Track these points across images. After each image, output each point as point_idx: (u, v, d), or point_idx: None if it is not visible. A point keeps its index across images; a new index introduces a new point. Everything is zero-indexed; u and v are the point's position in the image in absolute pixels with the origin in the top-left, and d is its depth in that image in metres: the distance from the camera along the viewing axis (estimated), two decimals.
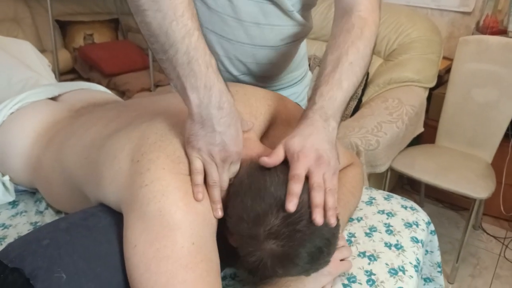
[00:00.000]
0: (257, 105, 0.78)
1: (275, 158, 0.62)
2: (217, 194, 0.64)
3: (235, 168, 0.66)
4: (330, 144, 0.65)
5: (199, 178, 0.63)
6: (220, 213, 0.63)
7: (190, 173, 0.63)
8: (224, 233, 0.64)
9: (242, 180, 0.63)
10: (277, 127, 0.81)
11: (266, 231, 0.57)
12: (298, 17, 0.88)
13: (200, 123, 0.61)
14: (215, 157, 0.62)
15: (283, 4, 0.84)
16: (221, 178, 0.64)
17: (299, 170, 0.59)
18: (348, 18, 0.74)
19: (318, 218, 0.57)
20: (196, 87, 0.60)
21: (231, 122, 0.63)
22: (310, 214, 0.58)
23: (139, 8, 0.60)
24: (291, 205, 0.56)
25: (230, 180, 0.66)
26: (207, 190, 0.64)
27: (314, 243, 0.58)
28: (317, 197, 0.59)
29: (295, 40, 0.95)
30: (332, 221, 0.59)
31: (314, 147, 0.62)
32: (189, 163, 0.64)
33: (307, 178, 0.60)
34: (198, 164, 0.63)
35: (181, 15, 0.59)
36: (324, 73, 0.70)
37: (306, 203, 0.59)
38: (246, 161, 0.66)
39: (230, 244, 0.63)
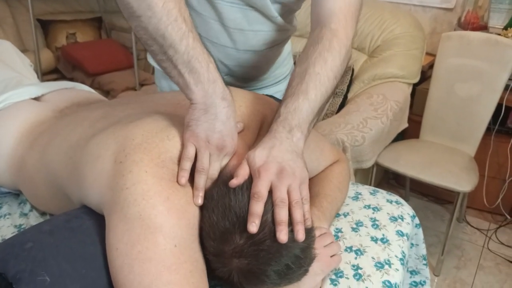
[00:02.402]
0: (247, 112, 0.77)
1: (242, 176, 0.61)
2: (202, 182, 0.63)
3: (226, 161, 0.66)
4: (294, 154, 0.63)
5: (188, 164, 0.63)
6: (200, 201, 0.63)
7: (181, 158, 0.63)
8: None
9: (212, 194, 0.62)
10: (263, 132, 0.81)
11: (230, 249, 0.57)
12: (282, 22, 0.88)
13: (203, 109, 0.62)
14: (212, 144, 0.63)
15: (267, 11, 0.84)
16: (212, 166, 0.64)
17: (259, 187, 0.59)
18: (320, 31, 0.74)
19: (281, 236, 0.56)
20: (200, 81, 0.62)
21: (231, 115, 0.64)
22: (273, 232, 0.57)
23: (133, 14, 0.60)
24: (252, 227, 0.56)
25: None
26: (195, 176, 0.63)
27: (280, 261, 0.57)
28: (281, 214, 0.58)
29: (278, 44, 0.95)
30: (300, 237, 0.58)
31: (276, 160, 0.61)
32: (178, 163, 0.63)
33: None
34: (191, 151, 0.63)
35: (174, 19, 0.60)
36: (291, 86, 0.70)
37: (270, 222, 0.58)
38: (223, 169, 0.66)
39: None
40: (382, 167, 1.78)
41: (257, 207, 0.57)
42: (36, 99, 1.01)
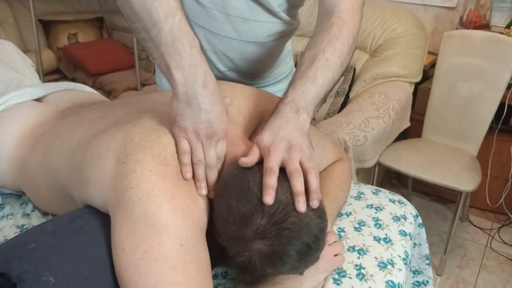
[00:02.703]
0: (245, 103, 0.78)
1: (252, 157, 0.62)
2: (202, 172, 0.64)
3: (222, 146, 0.67)
4: (300, 132, 0.64)
5: (187, 158, 0.63)
6: (204, 191, 0.64)
7: (177, 154, 0.64)
8: (213, 233, 0.64)
9: (227, 181, 0.62)
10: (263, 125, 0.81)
11: (252, 231, 0.56)
12: (285, 16, 0.89)
13: (186, 101, 0.62)
14: (201, 134, 0.63)
15: (269, 6, 0.85)
16: (208, 155, 0.64)
17: (270, 163, 0.59)
18: (328, 19, 0.76)
19: (300, 206, 0.57)
20: (181, 66, 0.61)
21: (215, 100, 0.64)
22: (294, 209, 0.58)
23: None
24: (268, 198, 0.56)
25: (218, 158, 0.66)
26: (193, 169, 0.64)
27: (302, 240, 0.58)
28: (297, 185, 0.58)
29: (283, 37, 0.95)
30: (315, 204, 0.59)
31: (284, 138, 0.62)
32: (177, 161, 0.63)
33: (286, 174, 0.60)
34: (185, 145, 0.64)
35: None
36: (300, 69, 0.71)
37: (290, 201, 0.58)
38: (232, 159, 0.66)
39: (219, 243, 0.63)
40: (384, 166, 1.77)
41: (270, 180, 0.57)
42: (38, 100, 1.01)
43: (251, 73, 1.01)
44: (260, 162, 0.62)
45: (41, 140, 0.85)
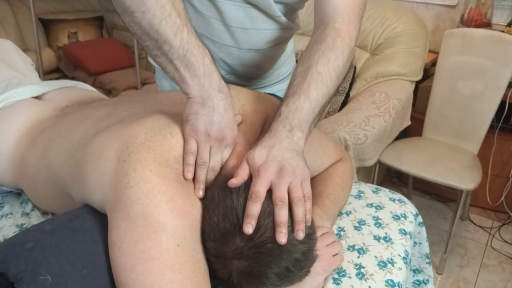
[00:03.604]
0: (250, 110, 0.77)
1: (241, 176, 0.61)
2: (203, 175, 0.64)
3: (227, 153, 0.66)
4: (294, 153, 0.63)
5: (191, 159, 0.63)
6: (201, 193, 0.63)
7: (184, 153, 0.64)
8: None
9: (214, 195, 0.61)
10: (265, 131, 0.80)
11: (231, 251, 0.56)
12: (285, 21, 0.87)
13: (200, 103, 0.63)
14: (212, 136, 0.63)
15: (270, 11, 0.83)
16: (214, 158, 0.64)
17: (257, 187, 0.58)
18: (323, 30, 0.73)
19: (280, 238, 0.56)
20: (196, 75, 0.62)
21: (228, 106, 0.64)
22: (273, 237, 0.56)
23: (126, 10, 0.60)
24: (247, 227, 0.55)
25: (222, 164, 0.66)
26: (195, 169, 0.64)
27: (280, 264, 0.57)
28: (280, 215, 0.57)
29: (282, 42, 0.94)
30: (300, 236, 0.57)
31: (276, 159, 0.60)
32: (182, 165, 0.63)
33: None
34: (193, 145, 0.64)
35: (168, 14, 0.60)
36: (293, 85, 0.69)
37: (271, 227, 0.57)
38: (229, 172, 0.65)
39: None
40: (385, 165, 1.77)
41: (254, 208, 0.56)
42: (37, 98, 1.01)
43: (249, 77, 1.01)
44: (248, 180, 0.61)
45: (40, 138, 0.85)
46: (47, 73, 2.76)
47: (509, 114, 1.88)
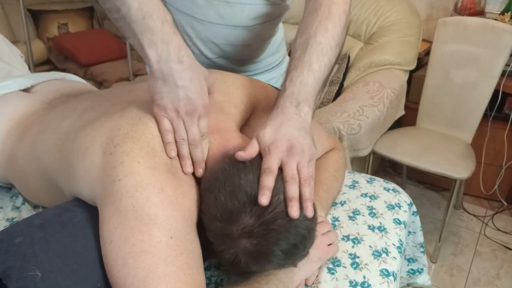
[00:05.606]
0: (237, 93, 0.76)
1: (250, 152, 0.61)
2: (186, 150, 0.63)
3: (204, 122, 0.65)
4: (303, 131, 0.63)
5: (169, 137, 0.63)
6: (189, 169, 0.63)
7: (160, 133, 0.63)
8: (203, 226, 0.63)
9: (217, 175, 0.61)
10: (258, 115, 0.79)
11: (239, 230, 0.55)
12: None
13: (161, 79, 0.61)
14: (181, 112, 0.62)
15: None
16: (191, 132, 0.63)
17: (270, 163, 0.58)
18: None
19: (293, 212, 0.56)
20: (153, 42, 0.59)
21: (192, 75, 0.62)
22: (284, 212, 0.56)
23: None
24: (263, 198, 0.55)
25: (202, 135, 0.65)
26: (177, 147, 0.63)
27: (288, 240, 0.57)
28: (291, 190, 0.58)
29: (270, 20, 0.92)
30: (309, 213, 0.58)
31: (285, 137, 0.61)
32: (164, 153, 0.62)
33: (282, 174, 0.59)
34: (166, 124, 0.63)
35: None
36: (294, 58, 0.69)
37: (281, 201, 0.57)
38: (223, 153, 0.65)
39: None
40: (379, 155, 1.77)
41: (268, 181, 0.56)
42: (25, 90, 0.99)
43: (240, 59, 0.99)
44: (255, 159, 0.61)
45: (28, 131, 0.83)
46: (37, 65, 2.72)
47: (502, 102, 1.88)
